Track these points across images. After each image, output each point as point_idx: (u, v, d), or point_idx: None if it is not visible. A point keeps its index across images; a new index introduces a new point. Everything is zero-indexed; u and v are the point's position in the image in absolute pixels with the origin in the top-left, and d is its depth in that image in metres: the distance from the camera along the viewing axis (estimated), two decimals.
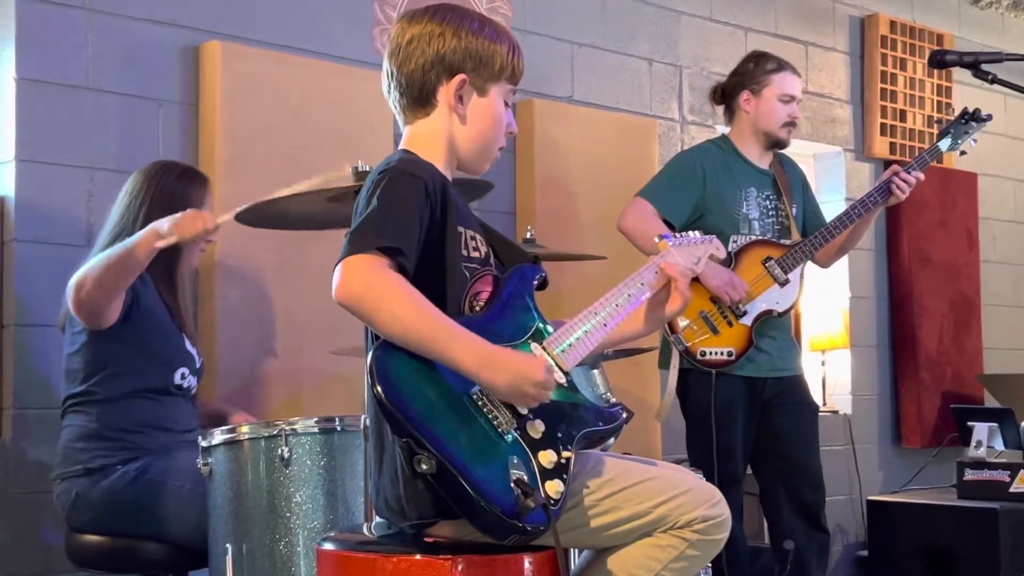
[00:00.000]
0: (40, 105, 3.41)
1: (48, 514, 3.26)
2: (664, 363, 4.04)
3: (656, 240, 2.36)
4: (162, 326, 3.05)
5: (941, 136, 3.97)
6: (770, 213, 3.93)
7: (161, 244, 2.77)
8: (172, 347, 3.07)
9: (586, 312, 2.17)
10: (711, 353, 3.78)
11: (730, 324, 3.79)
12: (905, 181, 3.82)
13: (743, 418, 3.84)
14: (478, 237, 2.17)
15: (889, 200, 3.86)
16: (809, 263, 3.97)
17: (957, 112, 3.99)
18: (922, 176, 3.87)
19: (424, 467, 1.86)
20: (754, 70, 3.95)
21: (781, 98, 3.91)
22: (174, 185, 3.03)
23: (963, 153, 4.07)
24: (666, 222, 3.79)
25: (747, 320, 3.79)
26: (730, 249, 3.82)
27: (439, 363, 1.93)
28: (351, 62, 3.98)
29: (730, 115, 4.04)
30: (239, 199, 2.88)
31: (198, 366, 3.15)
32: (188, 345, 3.12)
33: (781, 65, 3.95)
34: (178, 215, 2.79)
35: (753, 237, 3.87)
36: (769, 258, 3.84)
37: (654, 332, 2.48)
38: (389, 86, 2.20)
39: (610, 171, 4.54)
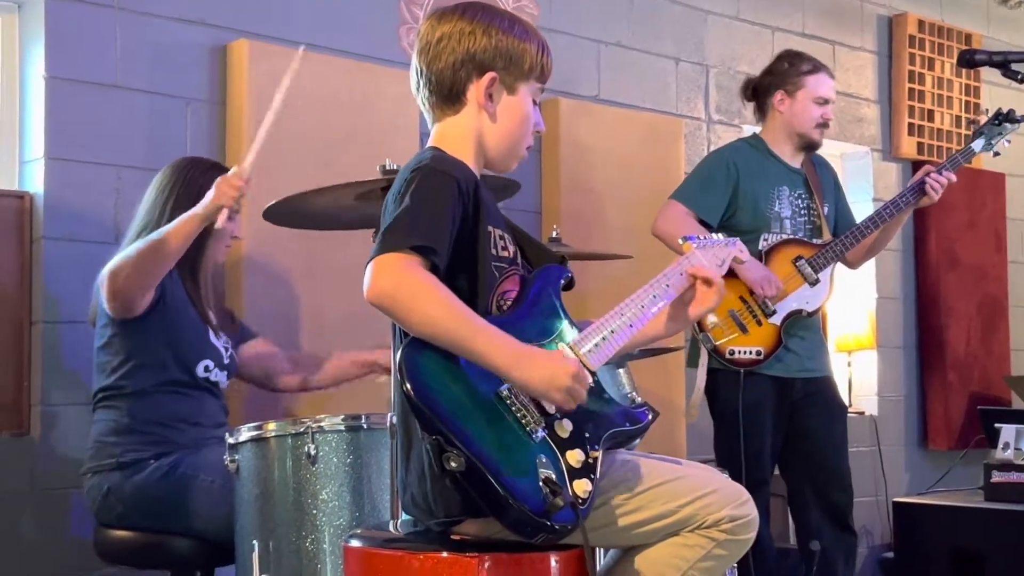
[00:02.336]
0: (69, 103, 3.43)
1: (76, 510, 3.28)
2: (692, 362, 4.01)
3: (680, 241, 2.36)
4: (187, 317, 3.05)
5: (974, 137, 3.95)
6: (802, 212, 3.91)
7: (219, 221, 2.80)
8: (196, 338, 3.07)
9: (613, 312, 2.15)
10: (740, 352, 3.76)
11: (759, 323, 3.77)
12: (938, 181, 3.80)
13: (772, 419, 3.83)
14: (506, 237, 2.17)
15: (921, 201, 3.84)
16: (838, 264, 3.95)
17: (989, 112, 3.98)
18: (954, 177, 3.85)
19: (453, 465, 1.86)
20: (789, 70, 3.93)
21: (816, 100, 3.90)
22: (200, 179, 3.03)
23: (996, 154, 4.05)
24: (702, 222, 3.78)
25: (776, 319, 3.78)
26: (761, 248, 3.81)
27: (470, 361, 1.93)
28: (378, 61, 3.98)
29: (762, 113, 4.03)
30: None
31: (227, 361, 3.15)
32: (213, 338, 3.12)
33: (816, 67, 3.93)
34: (210, 192, 2.82)
35: (784, 236, 3.85)
36: (800, 257, 3.82)
37: (677, 334, 2.47)
38: (418, 84, 2.20)
39: (636, 170, 4.53)
